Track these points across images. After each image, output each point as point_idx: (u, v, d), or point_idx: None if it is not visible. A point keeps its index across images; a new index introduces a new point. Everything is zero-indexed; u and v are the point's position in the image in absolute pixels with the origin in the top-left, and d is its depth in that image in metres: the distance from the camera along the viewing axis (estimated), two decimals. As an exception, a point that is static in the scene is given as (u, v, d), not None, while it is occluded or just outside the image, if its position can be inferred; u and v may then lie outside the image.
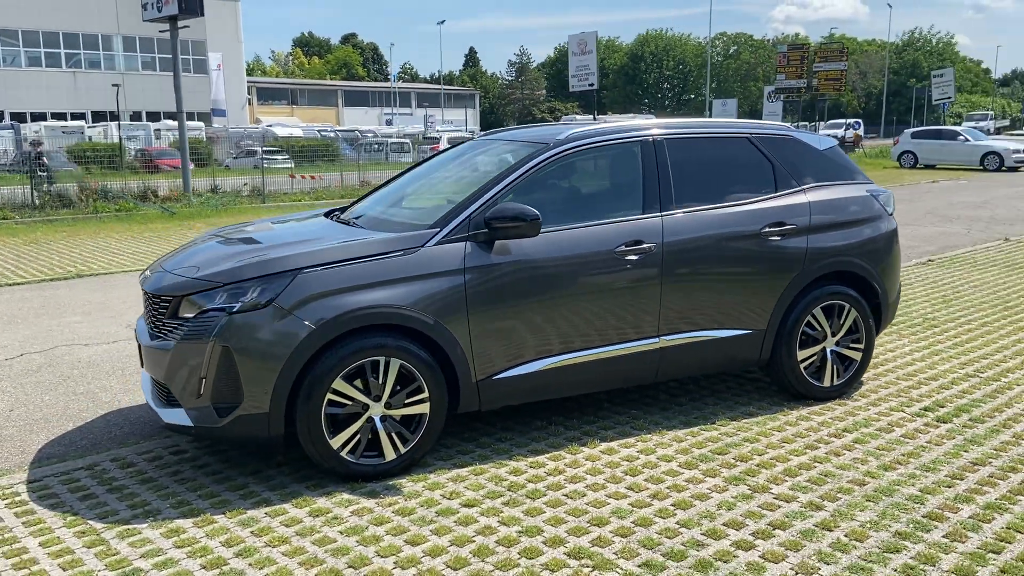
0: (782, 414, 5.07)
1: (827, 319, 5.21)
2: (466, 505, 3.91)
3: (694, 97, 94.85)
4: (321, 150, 35.83)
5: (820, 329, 5.21)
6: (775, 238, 5.01)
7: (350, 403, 4.09)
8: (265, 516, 3.83)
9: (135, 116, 48.93)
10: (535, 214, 4.26)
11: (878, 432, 4.75)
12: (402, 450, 4.21)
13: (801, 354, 5.16)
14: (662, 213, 4.78)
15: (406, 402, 4.19)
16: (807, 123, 44.82)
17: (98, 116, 48.25)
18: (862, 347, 5.33)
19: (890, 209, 5.57)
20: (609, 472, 4.25)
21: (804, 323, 5.13)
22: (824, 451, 4.49)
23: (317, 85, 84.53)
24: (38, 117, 45.33)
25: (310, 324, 3.96)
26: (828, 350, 5.25)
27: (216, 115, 52.37)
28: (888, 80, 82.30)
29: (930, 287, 8.92)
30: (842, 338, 5.28)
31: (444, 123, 65.86)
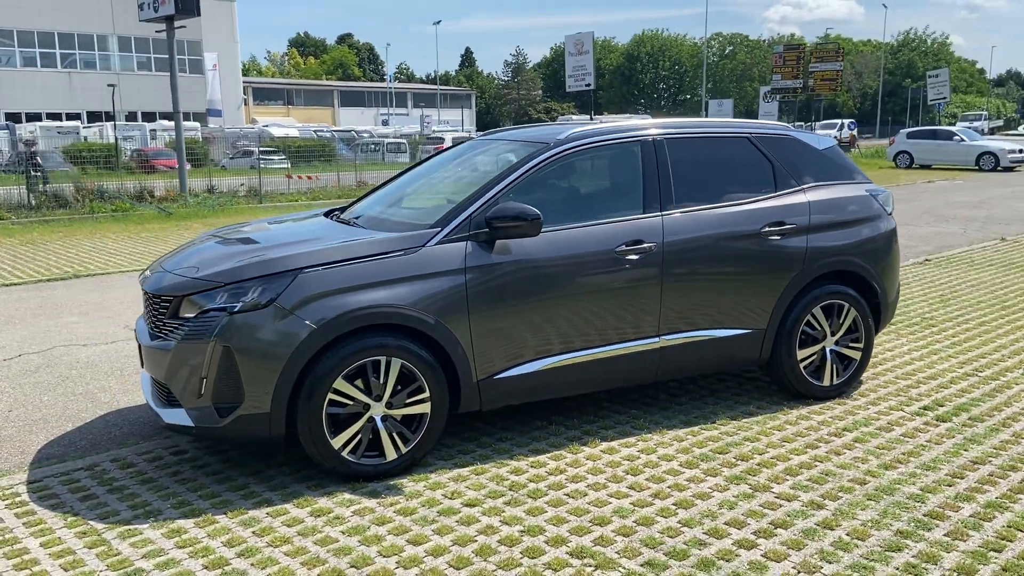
0: (782, 413, 5.08)
1: (826, 318, 5.22)
2: (468, 505, 3.90)
3: (690, 97, 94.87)
4: (317, 150, 35.79)
5: (820, 328, 5.21)
6: (775, 238, 5.01)
7: (351, 403, 4.08)
8: (266, 516, 3.83)
9: (131, 116, 48.86)
10: (536, 213, 4.26)
11: (878, 431, 4.76)
12: (403, 450, 4.21)
13: (801, 353, 5.17)
14: (662, 213, 4.78)
15: (407, 402, 4.18)
16: (802, 123, 44.87)
17: (93, 116, 48.18)
18: (861, 346, 5.34)
19: (889, 209, 5.59)
20: (610, 471, 4.25)
21: (804, 322, 5.14)
22: (825, 450, 4.50)
23: (313, 85, 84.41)
24: (33, 117, 45.23)
25: (311, 324, 3.95)
26: (828, 349, 5.25)
27: (212, 115, 52.08)
28: (883, 80, 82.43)
29: (927, 287, 8.94)
30: (841, 337, 5.29)
31: (440, 123, 65.81)
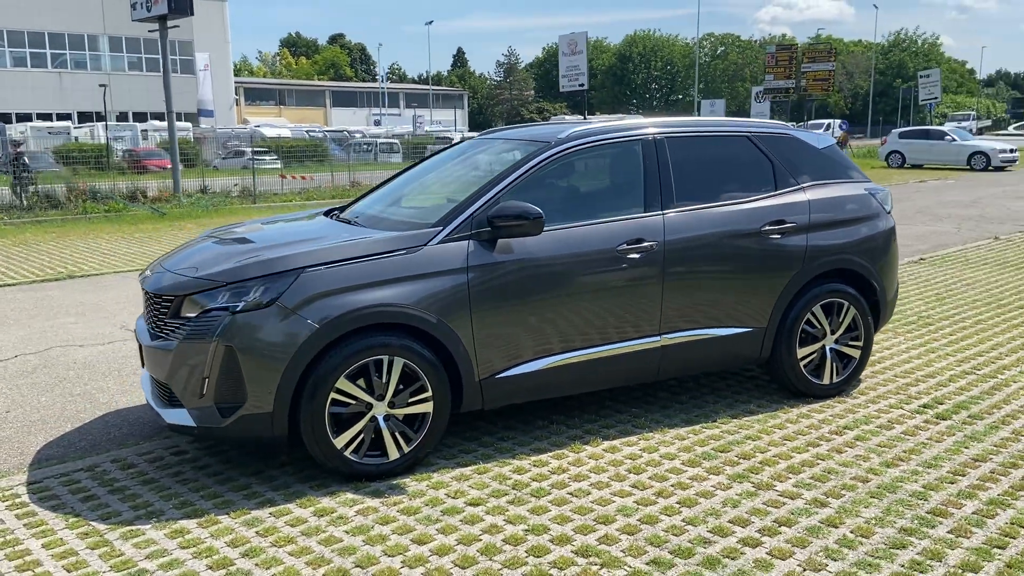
0: (782, 411, 5.08)
1: (826, 317, 5.23)
2: (471, 504, 3.90)
3: (682, 98, 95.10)
4: (310, 150, 35.75)
5: (819, 327, 5.22)
6: (775, 236, 5.02)
7: (354, 402, 4.07)
8: (269, 516, 3.81)
9: (122, 116, 48.67)
10: (538, 212, 4.25)
11: (879, 429, 4.77)
12: (406, 449, 4.20)
13: (801, 352, 5.17)
14: (663, 211, 4.78)
15: (409, 401, 4.17)
16: (794, 123, 44.85)
17: (84, 117, 47.97)
18: (861, 345, 5.36)
19: (888, 207, 5.60)
20: (613, 470, 4.25)
21: (804, 321, 5.14)
22: (826, 448, 4.51)
23: (305, 86, 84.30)
24: (24, 118, 45.05)
25: (313, 323, 3.94)
26: (827, 348, 5.26)
27: (203, 116, 52.14)
28: (874, 81, 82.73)
29: (923, 285, 8.97)
30: (841, 336, 5.30)
31: (433, 124, 65.80)
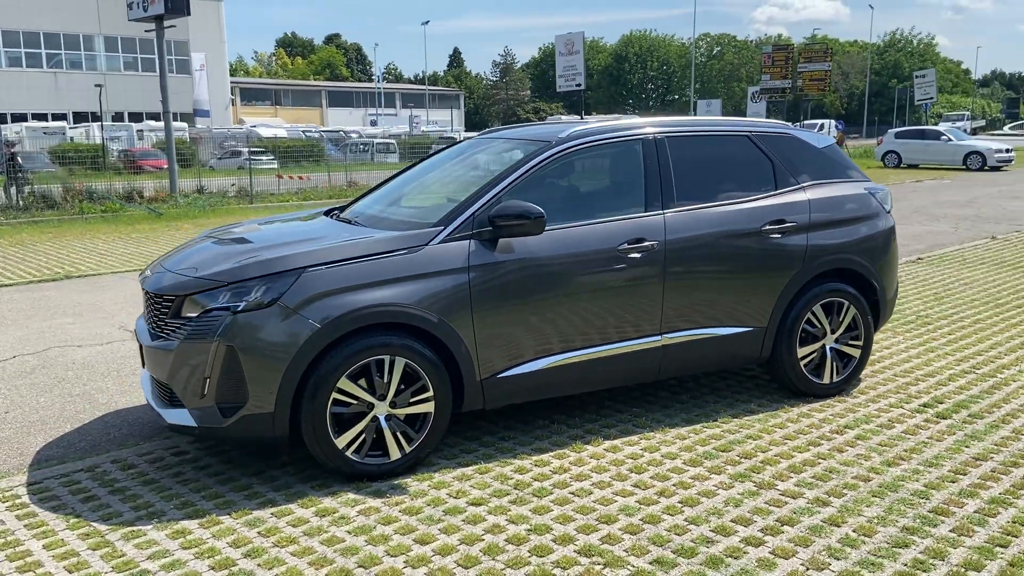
0: (783, 411, 5.09)
1: (826, 316, 5.23)
2: (473, 504, 3.89)
3: (678, 98, 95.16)
4: (306, 151, 35.72)
5: (820, 326, 5.23)
6: (775, 236, 5.02)
7: (355, 402, 4.06)
8: (271, 516, 3.80)
9: (117, 117, 48.61)
10: (539, 212, 4.25)
11: (879, 428, 4.78)
12: (407, 449, 4.19)
13: (801, 351, 5.18)
14: (664, 211, 4.78)
15: (411, 401, 4.17)
16: (791, 124, 44.80)
17: (80, 117, 47.90)
18: (861, 344, 5.36)
19: (888, 207, 5.61)
20: (614, 470, 4.25)
21: (804, 320, 5.15)
22: (827, 447, 4.51)
23: (301, 86, 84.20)
24: (19, 118, 44.93)
25: (315, 323, 3.93)
26: (827, 347, 5.27)
27: (199, 116, 51.90)
28: (870, 81, 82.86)
29: (921, 285, 8.98)
30: (841, 335, 5.30)
31: (429, 123, 65.74)
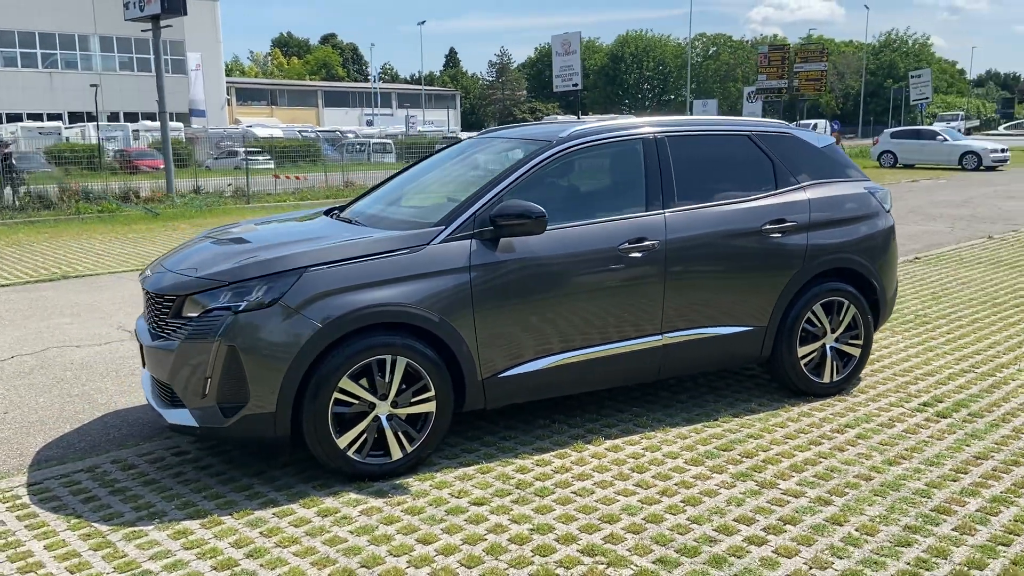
0: (783, 410, 5.09)
1: (826, 315, 5.23)
2: (475, 503, 3.89)
3: (674, 98, 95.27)
4: (302, 151, 35.70)
5: (820, 325, 5.23)
6: (776, 235, 5.02)
7: (356, 402, 4.06)
8: (273, 517, 3.80)
9: (113, 117, 48.49)
10: (541, 211, 4.24)
11: (880, 427, 4.78)
12: (408, 449, 4.19)
13: (801, 350, 5.18)
14: (664, 210, 4.78)
15: (412, 401, 4.16)
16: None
17: (75, 117, 47.80)
18: (861, 343, 5.37)
19: (887, 206, 5.61)
20: (616, 469, 4.25)
21: (804, 319, 5.15)
22: (828, 447, 4.51)
23: (297, 86, 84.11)
24: (14, 118, 44.82)
25: (316, 323, 3.92)
26: (828, 346, 5.27)
27: (195, 116, 51.88)
28: (865, 81, 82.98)
29: (919, 284, 9.00)
30: (841, 334, 5.31)
31: (425, 123, 65.73)
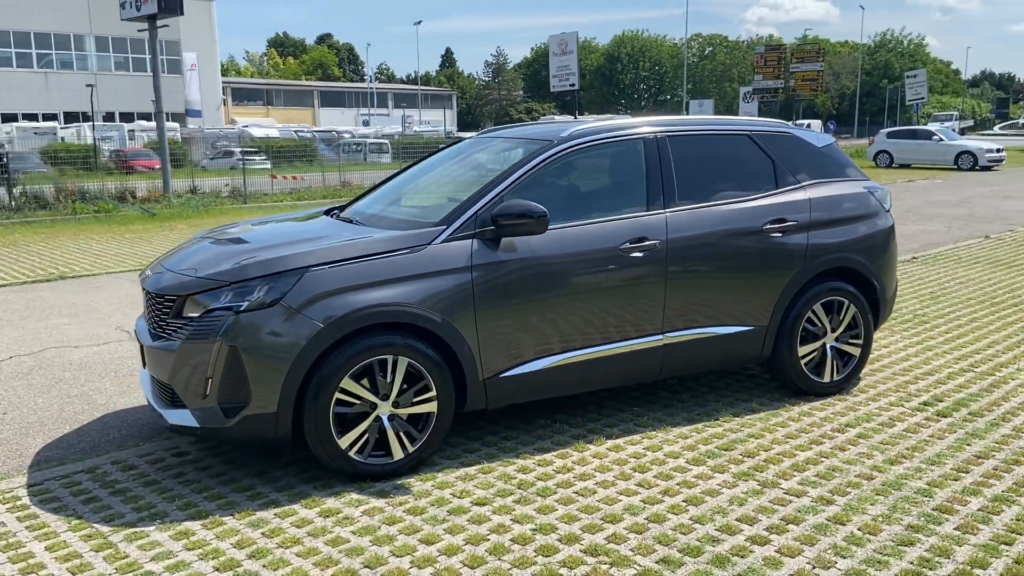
0: (784, 410, 5.09)
1: (827, 315, 5.23)
2: (477, 503, 3.88)
3: (670, 98, 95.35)
4: (299, 151, 35.67)
5: (820, 325, 5.23)
6: (776, 235, 5.03)
7: (358, 402, 4.05)
8: (275, 517, 3.79)
9: (108, 117, 48.36)
10: (542, 211, 4.24)
11: (880, 427, 4.79)
12: (410, 449, 4.18)
13: (802, 350, 5.18)
14: (665, 210, 4.78)
15: (414, 401, 4.16)
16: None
17: (70, 117, 47.66)
18: (861, 343, 5.37)
19: (887, 205, 5.62)
20: (618, 469, 4.25)
21: (804, 319, 5.15)
22: (829, 446, 4.52)
23: (292, 86, 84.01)
24: (9, 118, 44.68)
25: (318, 323, 3.92)
26: (828, 346, 5.27)
27: (191, 116, 51.89)
28: (861, 81, 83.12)
29: (917, 284, 9.01)
30: (841, 334, 5.31)
31: (422, 123, 65.72)
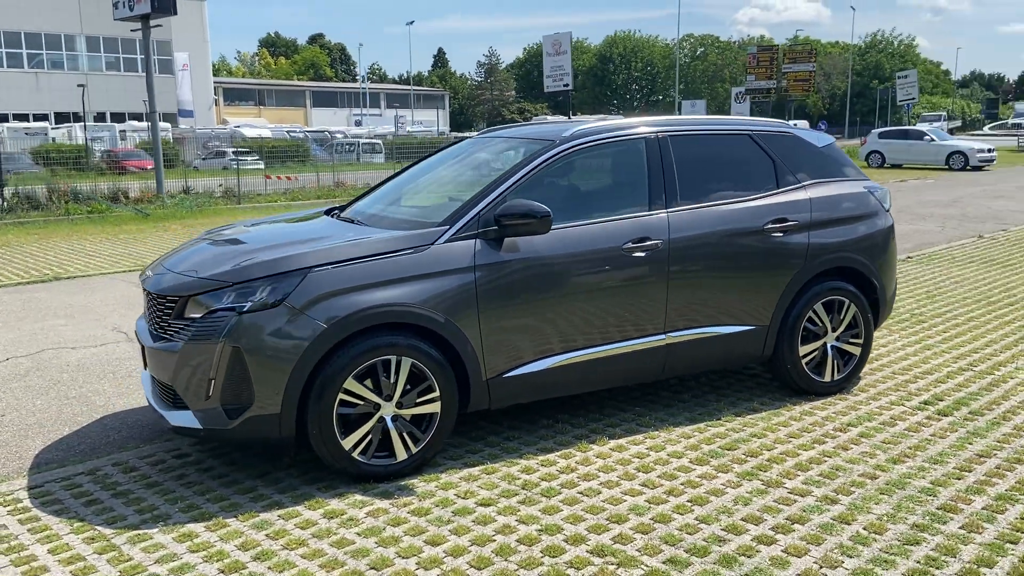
0: (785, 409, 5.10)
1: (827, 314, 5.24)
2: (482, 504, 3.87)
3: (662, 98, 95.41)
4: (291, 151, 35.59)
5: (821, 324, 5.24)
6: (777, 234, 5.03)
7: (361, 403, 4.03)
8: (279, 519, 3.77)
9: (99, 117, 48.18)
10: (546, 211, 4.23)
11: (882, 426, 4.79)
12: (413, 450, 4.17)
13: (803, 349, 5.19)
14: (667, 209, 4.78)
15: (417, 401, 4.14)
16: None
17: (61, 117, 47.47)
18: (861, 342, 5.38)
19: (887, 205, 5.63)
20: (621, 469, 4.24)
21: (805, 318, 5.16)
22: (832, 445, 4.52)
23: (285, 86, 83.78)
24: (0, 118, 44.45)
25: (322, 323, 3.90)
26: (829, 345, 5.28)
27: (183, 116, 51.63)
28: (851, 81, 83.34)
29: (913, 283, 9.03)
30: (842, 333, 5.32)
31: (414, 124, 65.64)
